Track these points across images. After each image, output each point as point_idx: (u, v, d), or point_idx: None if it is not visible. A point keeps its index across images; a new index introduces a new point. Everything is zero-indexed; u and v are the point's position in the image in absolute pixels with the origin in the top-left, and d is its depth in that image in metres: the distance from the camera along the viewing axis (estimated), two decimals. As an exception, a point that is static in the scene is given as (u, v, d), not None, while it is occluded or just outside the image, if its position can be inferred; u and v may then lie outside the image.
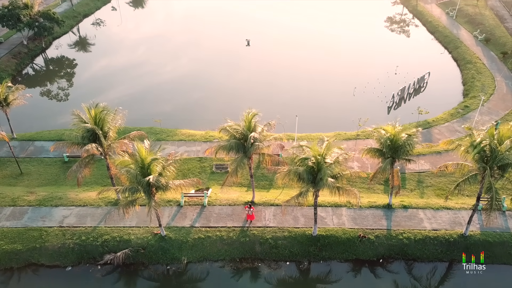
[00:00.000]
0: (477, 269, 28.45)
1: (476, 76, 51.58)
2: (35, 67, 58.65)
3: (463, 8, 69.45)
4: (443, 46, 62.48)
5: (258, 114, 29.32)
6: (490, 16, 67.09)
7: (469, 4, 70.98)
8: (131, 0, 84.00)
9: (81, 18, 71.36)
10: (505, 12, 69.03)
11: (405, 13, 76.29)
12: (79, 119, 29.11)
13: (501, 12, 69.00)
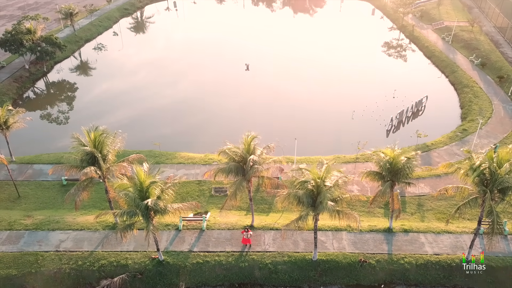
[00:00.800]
0: (477, 269, 28.18)
1: (474, 100, 52.02)
2: (36, 91, 59.13)
3: (459, 34, 70.70)
4: (440, 71, 63.26)
5: (257, 137, 29.41)
6: (485, 41, 68.25)
7: (464, 30, 72.30)
8: (132, 26, 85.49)
9: (82, 43, 72.42)
10: (499, 37, 70.25)
11: (401, 38, 77.60)
12: (78, 142, 29.17)
13: (496, 37, 70.23)
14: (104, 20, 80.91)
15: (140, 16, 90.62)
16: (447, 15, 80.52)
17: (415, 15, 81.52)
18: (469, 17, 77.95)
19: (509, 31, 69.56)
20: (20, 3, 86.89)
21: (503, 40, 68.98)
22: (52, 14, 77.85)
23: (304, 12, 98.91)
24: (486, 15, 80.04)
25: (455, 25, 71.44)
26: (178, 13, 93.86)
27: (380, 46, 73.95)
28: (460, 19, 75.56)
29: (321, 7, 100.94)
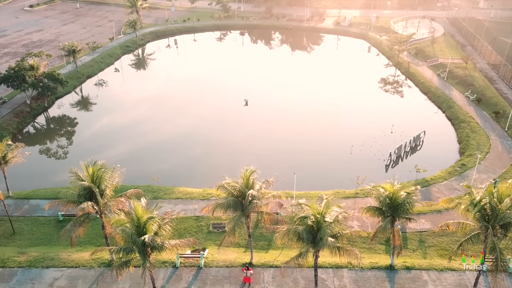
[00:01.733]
0: (477, 269, 27.36)
1: (471, 135, 52.40)
2: (36, 126, 59.48)
3: (453, 70, 72.19)
4: (436, 106, 64.08)
5: (256, 171, 29.36)
6: (479, 77, 69.60)
7: (459, 67, 73.88)
8: (134, 63, 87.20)
9: (84, 79, 73.57)
10: (493, 74, 71.70)
11: (397, 74, 79.12)
12: (76, 176, 29.06)
13: (490, 74, 71.67)
14: (106, 57, 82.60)
15: (142, 53, 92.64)
16: (441, 53, 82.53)
17: (410, 52, 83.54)
18: (463, 54, 79.90)
19: (502, 68, 71.11)
20: (25, 41, 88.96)
21: (497, 77, 70.36)
22: (56, 51, 79.54)
23: (301, 49, 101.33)
24: (479, 52, 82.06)
25: (449, 62, 73.07)
26: (179, 50, 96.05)
27: (377, 82, 75.26)
28: (454, 56, 77.39)
29: (318, 45, 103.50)
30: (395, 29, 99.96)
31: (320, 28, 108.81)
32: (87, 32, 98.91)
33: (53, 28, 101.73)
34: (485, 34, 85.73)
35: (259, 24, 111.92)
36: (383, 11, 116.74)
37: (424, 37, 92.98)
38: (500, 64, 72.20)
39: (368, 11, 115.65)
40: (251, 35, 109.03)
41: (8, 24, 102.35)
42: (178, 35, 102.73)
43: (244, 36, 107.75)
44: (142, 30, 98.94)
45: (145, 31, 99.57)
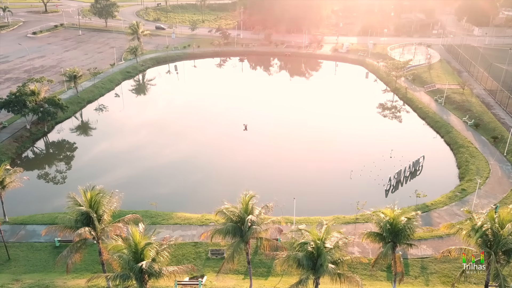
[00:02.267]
0: (477, 269, 26.60)
1: (470, 160, 52.42)
2: (35, 151, 59.44)
3: (450, 96, 72.93)
4: (435, 131, 64.39)
5: (256, 196, 29.18)
6: (476, 103, 70.25)
7: (456, 92, 74.68)
8: (134, 88, 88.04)
9: (84, 104, 74.06)
10: (490, 99, 72.40)
11: (395, 100, 79.84)
12: (74, 201, 28.83)
13: (487, 99, 72.37)
14: (107, 82, 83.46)
15: (142, 79, 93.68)
16: (438, 78, 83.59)
17: (407, 78, 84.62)
18: (460, 80, 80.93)
19: (498, 93, 71.88)
20: (27, 67, 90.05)
21: (494, 102, 71.03)
22: (57, 76, 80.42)
23: (300, 75, 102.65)
24: (476, 78, 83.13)
25: (446, 88, 73.92)
26: (179, 75, 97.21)
27: (375, 107, 75.86)
28: (451, 82, 78.34)
29: (317, 71, 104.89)
30: (392, 55, 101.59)
31: (318, 54, 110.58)
32: (88, 58, 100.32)
33: (55, 54, 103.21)
34: (481, 60, 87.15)
35: (258, 51, 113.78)
36: (380, 38, 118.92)
37: (420, 63, 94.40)
38: (497, 90, 73.03)
39: (365, 38, 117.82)
40: (250, 61, 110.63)
41: (11, 50, 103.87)
42: (178, 61, 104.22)
43: (243, 62, 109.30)
44: (142, 56, 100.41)
45: (145, 57, 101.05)
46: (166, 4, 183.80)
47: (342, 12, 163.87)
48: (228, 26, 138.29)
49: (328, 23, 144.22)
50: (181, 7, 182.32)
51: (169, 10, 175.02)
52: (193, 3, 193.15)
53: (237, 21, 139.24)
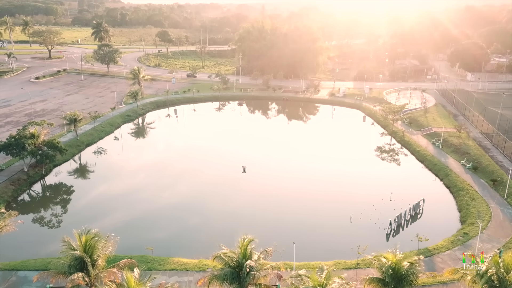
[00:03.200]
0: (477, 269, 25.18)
1: (471, 203, 51.99)
2: (31, 194, 58.85)
3: (447, 139, 73.57)
4: (433, 174, 64.32)
5: (254, 240, 28.61)
6: (474, 146, 70.75)
7: (453, 135, 75.40)
8: (133, 131, 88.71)
9: (83, 147, 74.26)
10: (487, 142, 72.99)
11: (393, 143, 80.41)
12: (68, 245, 28.19)
13: (484, 142, 72.97)
14: (107, 125, 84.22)
15: (142, 122, 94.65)
16: (435, 122, 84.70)
17: (404, 121, 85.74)
18: (456, 123, 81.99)
19: (495, 136, 72.60)
20: (28, 110, 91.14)
21: (491, 145, 71.56)
22: (58, 120, 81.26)
23: (298, 119, 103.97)
24: (471, 122, 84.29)
25: (443, 131, 74.72)
26: (179, 119, 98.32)
27: (373, 150, 76.23)
28: (447, 126, 79.33)
29: (314, 115, 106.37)
30: (388, 99, 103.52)
31: (316, 99, 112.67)
32: (89, 102, 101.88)
33: (56, 98, 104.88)
34: (475, 104, 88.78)
35: (256, 95, 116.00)
36: (376, 83, 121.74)
37: (416, 107, 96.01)
38: (493, 133, 73.82)
39: (361, 83, 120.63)
40: (249, 105, 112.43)
41: (13, 94, 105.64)
42: (178, 105, 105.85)
43: (242, 107, 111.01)
44: (143, 100, 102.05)
45: (146, 101, 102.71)
46: (167, 51, 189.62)
47: (338, 58, 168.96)
48: (227, 72, 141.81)
49: (325, 68, 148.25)
50: (182, 53, 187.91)
51: (170, 56, 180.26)
52: (193, 50, 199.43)
53: (236, 67, 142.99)
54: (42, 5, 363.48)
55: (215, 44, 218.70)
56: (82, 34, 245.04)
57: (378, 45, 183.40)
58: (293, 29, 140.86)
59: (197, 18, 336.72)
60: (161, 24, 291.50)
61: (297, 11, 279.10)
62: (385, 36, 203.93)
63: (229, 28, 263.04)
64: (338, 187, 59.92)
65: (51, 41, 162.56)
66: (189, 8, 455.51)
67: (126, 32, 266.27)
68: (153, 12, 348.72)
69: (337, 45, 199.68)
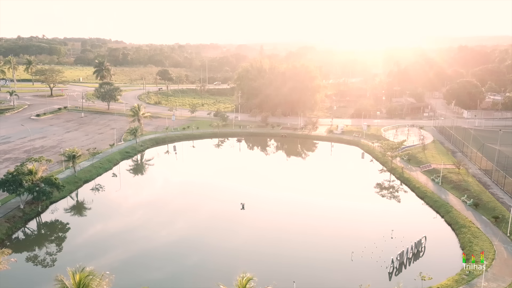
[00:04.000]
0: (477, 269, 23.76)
1: (473, 240, 51.10)
2: (26, 231, 57.76)
3: (447, 175, 73.37)
4: (434, 211, 63.62)
5: (253, 279, 27.85)
6: (473, 182, 70.47)
7: (452, 172, 75.26)
8: (132, 168, 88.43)
9: (81, 184, 73.71)
10: (487, 179, 72.78)
11: (393, 179, 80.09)
12: (61, 284, 27.36)
13: (483, 179, 72.75)
14: (105, 162, 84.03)
15: (140, 159, 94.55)
16: (433, 159, 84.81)
17: (402, 158, 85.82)
18: (454, 160, 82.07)
19: (494, 173, 72.47)
20: (27, 147, 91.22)
21: (491, 182, 71.30)
22: (56, 156, 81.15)
23: (296, 155, 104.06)
24: (470, 158, 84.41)
25: (442, 168, 74.64)
26: (177, 156, 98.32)
27: (373, 187, 75.80)
28: (446, 162, 79.33)
29: (313, 151, 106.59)
30: (386, 136, 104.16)
31: (314, 135, 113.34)
32: (89, 138, 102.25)
33: (56, 135, 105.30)
34: (473, 141, 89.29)
35: (255, 132, 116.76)
36: (373, 120, 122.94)
37: (415, 144, 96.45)
38: (492, 170, 73.74)
39: (359, 120, 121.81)
40: (248, 142, 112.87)
41: (13, 131, 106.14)
42: (177, 142, 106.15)
43: (241, 143, 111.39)
44: (142, 137, 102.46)
45: (145, 138, 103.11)
46: (167, 89, 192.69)
47: (335, 96, 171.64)
48: (226, 109, 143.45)
49: (323, 106, 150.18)
50: (182, 92, 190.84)
51: (170, 94, 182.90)
52: (193, 88, 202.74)
53: (235, 105, 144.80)
54: (46, 45, 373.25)
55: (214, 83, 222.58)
56: (84, 73, 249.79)
57: (375, 84, 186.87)
58: (291, 68, 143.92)
59: (197, 58, 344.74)
60: (162, 63, 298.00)
61: (294, 51, 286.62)
62: (381, 75, 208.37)
63: (228, 67, 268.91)
64: (338, 224, 59.07)
65: (53, 79, 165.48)
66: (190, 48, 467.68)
67: (127, 71, 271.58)
68: (154, 52, 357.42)
69: (335, 83, 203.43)
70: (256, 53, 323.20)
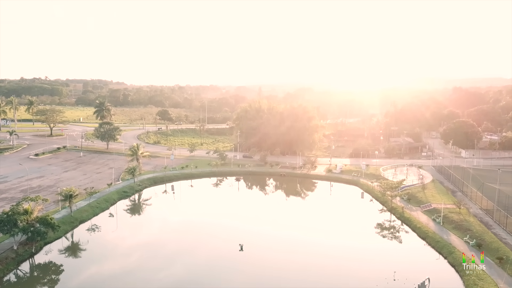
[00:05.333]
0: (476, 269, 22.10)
1: (478, 283, 49.62)
2: (18, 274, 56.07)
3: (448, 215, 72.53)
4: (437, 251, 62.34)
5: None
6: (475, 222, 69.54)
7: (453, 212, 74.45)
8: (129, 208, 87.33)
9: (77, 224, 72.44)
10: (488, 219, 71.89)
11: (393, 219, 79.05)
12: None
13: (485, 219, 71.85)
14: (102, 202, 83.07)
15: (138, 199, 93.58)
16: (433, 198, 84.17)
17: (402, 198, 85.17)
18: (455, 199, 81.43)
19: (495, 213, 71.68)
20: (24, 187, 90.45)
21: (493, 222, 70.38)
22: (53, 196, 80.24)
23: (295, 195, 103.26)
24: (470, 198, 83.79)
25: (442, 207, 73.90)
26: (175, 195, 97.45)
27: (373, 227, 74.68)
28: (446, 202, 78.67)
29: (312, 191, 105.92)
30: (385, 176, 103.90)
31: (313, 175, 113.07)
32: (87, 178, 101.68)
33: (54, 174, 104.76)
34: (472, 180, 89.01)
35: (254, 171, 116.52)
36: (372, 160, 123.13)
37: (414, 184, 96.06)
38: (493, 210, 73.01)
39: (358, 159, 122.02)
40: (247, 181, 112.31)
41: (11, 171, 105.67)
42: (175, 181, 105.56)
43: (239, 182, 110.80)
44: (140, 177, 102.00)
45: (143, 177, 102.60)
46: (167, 129, 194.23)
47: (333, 136, 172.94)
48: (225, 148, 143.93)
49: (321, 146, 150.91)
50: (181, 131, 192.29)
51: (169, 134, 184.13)
52: (192, 128, 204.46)
53: (233, 144, 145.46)
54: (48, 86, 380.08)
55: (214, 123, 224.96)
56: (85, 113, 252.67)
57: (372, 124, 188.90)
58: (289, 108, 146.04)
59: (197, 99, 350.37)
60: (162, 104, 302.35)
61: (292, 92, 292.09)
62: (378, 115, 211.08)
63: (227, 107, 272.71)
64: (339, 263, 57.75)
65: (54, 119, 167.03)
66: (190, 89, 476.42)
67: (127, 111, 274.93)
68: (154, 92, 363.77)
69: (332, 123, 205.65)
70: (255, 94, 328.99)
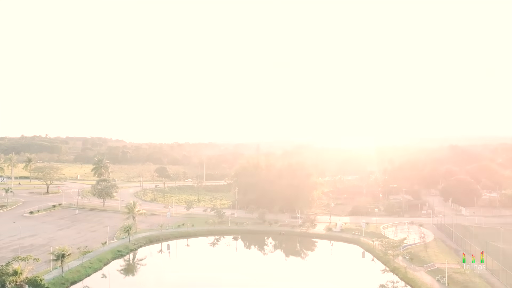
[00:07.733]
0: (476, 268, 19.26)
1: None
2: None
3: (452, 276, 70.10)
4: (443, 315, 59.52)
5: None
6: (481, 283, 67.03)
7: (457, 272, 72.05)
8: (123, 268, 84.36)
9: (68, 285, 69.44)
10: (495, 279, 69.39)
11: (396, 280, 76.24)
12: None
13: (491, 279, 69.34)
14: (95, 261, 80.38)
15: (132, 258, 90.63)
16: (436, 257, 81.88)
17: (405, 257, 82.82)
18: (458, 259, 79.11)
19: (501, 273, 69.37)
20: (15, 246, 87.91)
21: (499, 283, 67.87)
22: (45, 255, 77.74)
23: (295, 255, 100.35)
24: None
25: (446, 267, 71.64)
26: (171, 255, 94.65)
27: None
28: (450, 261, 76.36)
29: (312, 250, 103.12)
30: (386, 234, 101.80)
31: (312, 233, 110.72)
32: (81, 236, 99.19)
33: (47, 233, 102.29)
34: (475, 239, 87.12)
35: (252, 229, 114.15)
36: (372, 218, 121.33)
37: (416, 242, 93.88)
38: (499, 269, 70.72)
39: (357, 217, 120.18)
40: (245, 240, 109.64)
41: (3, 229, 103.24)
42: (171, 240, 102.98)
43: (237, 241, 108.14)
44: (136, 235, 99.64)
45: (138, 236, 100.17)
46: (164, 186, 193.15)
47: (332, 193, 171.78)
48: (223, 206, 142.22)
49: (320, 203, 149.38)
50: (178, 188, 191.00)
51: (167, 191, 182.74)
52: (190, 185, 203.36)
53: (231, 201, 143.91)
54: (48, 143, 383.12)
55: (212, 179, 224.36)
56: (83, 170, 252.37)
57: (371, 181, 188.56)
58: (287, 165, 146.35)
59: (195, 156, 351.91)
60: (161, 161, 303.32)
61: (290, 149, 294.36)
62: (376, 172, 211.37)
63: (225, 164, 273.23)
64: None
65: (51, 176, 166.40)
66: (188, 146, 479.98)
67: (125, 168, 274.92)
68: (153, 150, 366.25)
69: (331, 180, 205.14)
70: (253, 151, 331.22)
